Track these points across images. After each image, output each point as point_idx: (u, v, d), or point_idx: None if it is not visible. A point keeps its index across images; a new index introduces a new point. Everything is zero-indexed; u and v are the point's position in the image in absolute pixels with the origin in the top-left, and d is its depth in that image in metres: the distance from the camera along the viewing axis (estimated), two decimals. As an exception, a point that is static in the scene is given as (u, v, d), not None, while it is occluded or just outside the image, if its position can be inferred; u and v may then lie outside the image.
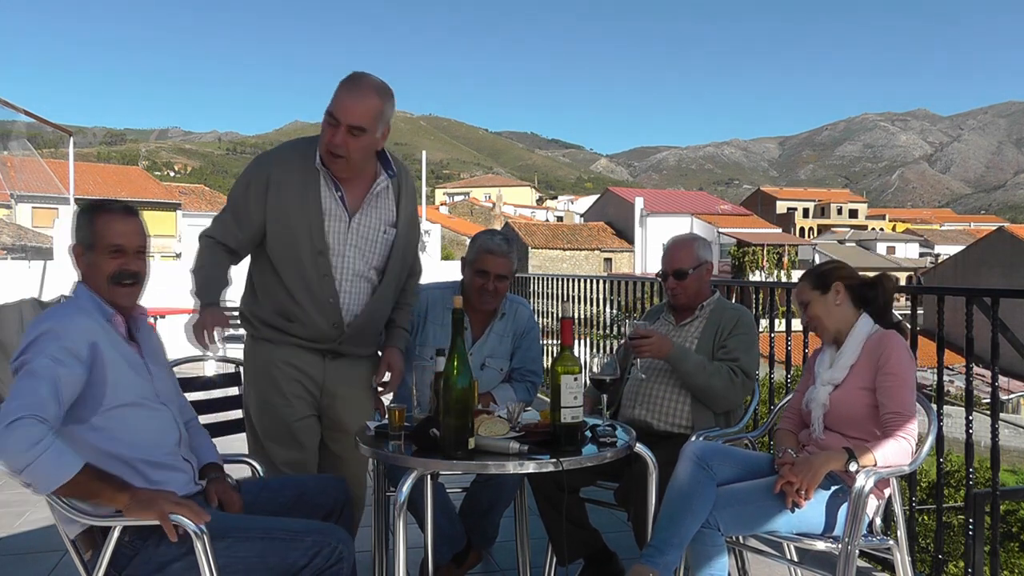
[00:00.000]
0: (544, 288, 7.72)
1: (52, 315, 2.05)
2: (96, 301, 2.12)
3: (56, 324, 1.99)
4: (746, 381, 2.98)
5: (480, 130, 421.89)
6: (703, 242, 3.22)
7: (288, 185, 2.57)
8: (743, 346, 3.02)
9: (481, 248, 3.02)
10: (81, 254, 2.14)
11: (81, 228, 2.14)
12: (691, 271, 3.11)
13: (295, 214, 2.57)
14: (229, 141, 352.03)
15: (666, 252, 3.21)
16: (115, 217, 2.15)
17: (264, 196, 2.58)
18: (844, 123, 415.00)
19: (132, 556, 1.98)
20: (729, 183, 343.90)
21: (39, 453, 1.80)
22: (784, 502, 2.39)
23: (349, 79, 2.50)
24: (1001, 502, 3.42)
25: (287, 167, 2.59)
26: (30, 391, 1.88)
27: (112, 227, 2.13)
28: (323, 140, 2.52)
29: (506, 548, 3.39)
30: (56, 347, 1.95)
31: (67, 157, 12.83)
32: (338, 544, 2.04)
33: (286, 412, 2.66)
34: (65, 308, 2.09)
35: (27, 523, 3.94)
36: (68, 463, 1.84)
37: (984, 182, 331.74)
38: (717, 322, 3.09)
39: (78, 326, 2.02)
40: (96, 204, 2.18)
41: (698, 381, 2.92)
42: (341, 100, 2.46)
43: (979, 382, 8.03)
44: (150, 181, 47.01)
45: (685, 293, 3.11)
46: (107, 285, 2.12)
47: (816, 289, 2.66)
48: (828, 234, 71.05)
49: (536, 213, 78.79)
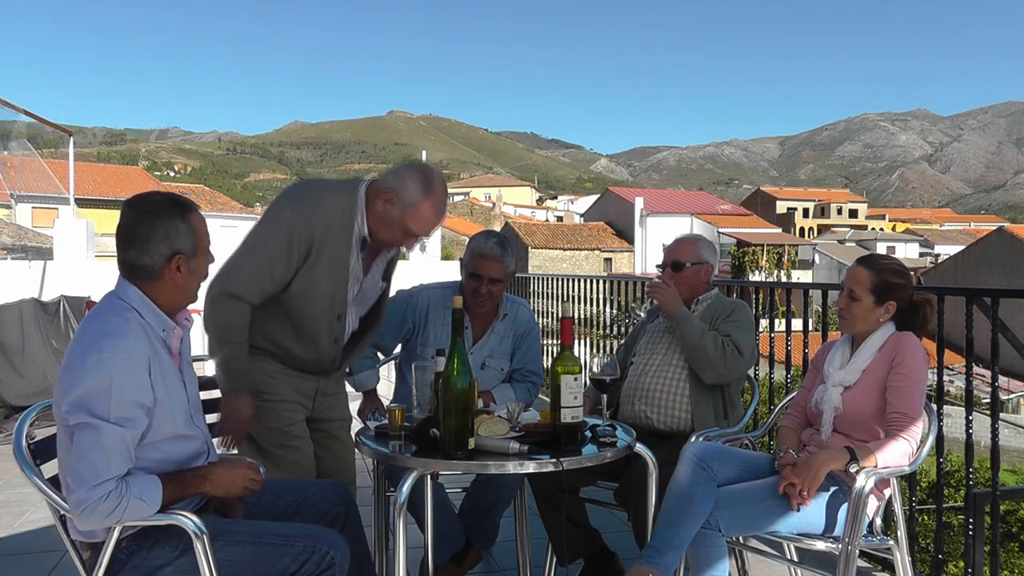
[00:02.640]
0: (544, 288, 7.72)
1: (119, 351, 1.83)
2: (156, 313, 1.96)
3: (123, 371, 1.82)
4: (736, 355, 2.94)
5: (480, 130, 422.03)
6: (708, 244, 3.25)
7: (328, 254, 2.45)
8: (736, 326, 3.02)
9: (474, 251, 3.02)
10: (184, 263, 1.95)
11: (182, 234, 1.94)
12: (688, 265, 3.13)
13: (326, 282, 2.48)
14: (229, 141, 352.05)
15: (670, 245, 3.26)
16: (199, 214, 2.01)
17: (304, 259, 2.43)
18: (844, 123, 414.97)
19: (126, 560, 1.96)
20: (729, 183, 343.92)
21: (121, 514, 1.83)
22: (785, 502, 2.39)
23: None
24: (1001, 502, 3.41)
25: (331, 233, 2.44)
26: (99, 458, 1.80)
27: (204, 223, 2.01)
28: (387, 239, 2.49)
29: (506, 548, 3.39)
30: (121, 404, 1.82)
31: (67, 157, 12.83)
32: (329, 549, 2.00)
33: (286, 415, 2.64)
34: (127, 337, 1.86)
35: (27, 523, 3.94)
36: (150, 498, 1.86)
37: (984, 182, 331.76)
38: (714, 313, 3.10)
39: (141, 366, 1.86)
40: (181, 204, 1.98)
41: (692, 338, 2.94)
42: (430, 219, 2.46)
43: (979, 382, 8.03)
44: (150, 181, 46.97)
45: (678, 286, 3.11)
46: (195, 291, 2.01)
47: (873, 294, 2.57)
48: (828, 234, 71.03)
49: (536, 213, 78.80)
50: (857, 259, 2.68)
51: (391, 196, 2.43)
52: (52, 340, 6.71)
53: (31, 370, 6.49)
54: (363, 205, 2.47)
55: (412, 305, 3.15)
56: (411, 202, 2.41)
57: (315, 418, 2.73)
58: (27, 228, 26.90)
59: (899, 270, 2.62)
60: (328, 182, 2.57)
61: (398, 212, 2.42)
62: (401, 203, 2.41)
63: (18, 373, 6.44)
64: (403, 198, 2.41)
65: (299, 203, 2.46)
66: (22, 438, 2.00)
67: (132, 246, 1.94)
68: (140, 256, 1.94)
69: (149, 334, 1.94)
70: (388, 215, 2.43)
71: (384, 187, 2.45)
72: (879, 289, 2.56)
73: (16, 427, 2.01)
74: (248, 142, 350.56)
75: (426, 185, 2.42)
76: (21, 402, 6.21)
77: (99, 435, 1.80)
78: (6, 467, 4.82)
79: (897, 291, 2.58)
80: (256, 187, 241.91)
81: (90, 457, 1.81)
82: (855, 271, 2.62)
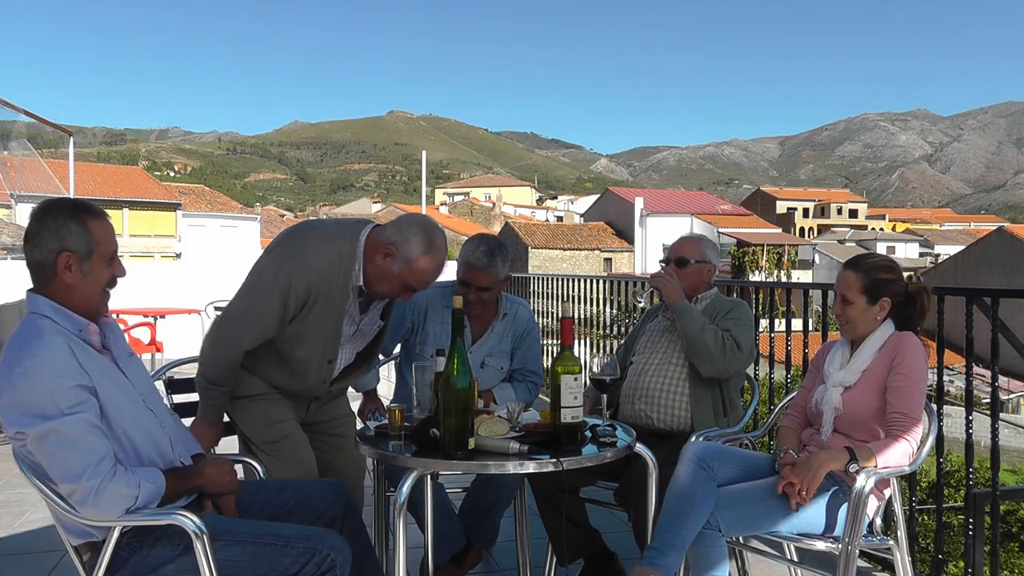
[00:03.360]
0: (544, 288, 7.72)
1: (37, 352, 1.85)
2: (66, 314, 1.96)
3: (50, 365, 1.84)
4: (735, 350, 2.95)
5: (480, 130, 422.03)
6: (712, 245, 3.28)
7: (322, 302, 2.46)
8: (736, 323, 3.03)
9: (461, 260, 3.03)
10: (75, 263, 1.95)
11: (73, 235, 1.95)
12: (693, 262, 3.15)
13: (319, 329, 2.50)
14: (229, 141, 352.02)
15: (675, 242, 3.29)
16: (106, 221, 2.01)
17: (299, 310, 2.45)
18: (844, 123, 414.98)
19: (127, 558, 1.96)
20: (729, 183, 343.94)
21: (136, 490, 1.88)
22: (785, 502, 2.39)
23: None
24: (1001, 502, 3.41)
25: (326, 282, 2.44)
26: (76, 449, 1.83)
27: (108, 232, 2.01)
28: (385, 291, 2.49)
29: (506, 548, 3.39)
30: (64, 394, 1.83)
31: (67, 157, 12.83)
32: (330, 551, 1.99)
33: (275, 411, 2.63)
34: (40, 338, 1.88)
35: (27, 523, 3.94)
36: (155, 480, 1.92)
37: (984, 182, 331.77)
38: (713, 311, 3.11)
39: (64, 352, 1.88)
40: (81, 207, 2.00)
41: (692, 331, 2.96)
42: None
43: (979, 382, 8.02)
44: (150, 181, 46.97)
45: (681, 283, 3.11)
46: (100, 294, 2.02)
47: (864, 295, 2.57)
48: (828, 234, 71.04)
49: (536, 213, 78.81)
50: (843, 263, 2.69)
51: (391, 250, 2.40)
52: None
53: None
54: (362, 254, 2.45)
55: (411, 305, 3.15)
56: (411, 259, 2.39)
57: (312, 421, 2.74)
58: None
59: (886, 265, 2.63)
60: (330, 227, 2.52)
61: (398, 268, 2.40)
62: (402, 259, 2.39)
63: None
64: (403, 254, 2.39)
65: (299, 254, 2.45)
66: (22, 438, 2.00)
67: (28, 241, 1.98)
68: (32, 251, 1.97)
69: (67, 335, 1.94)
70: (387, 269, 2.41)
71: (385, 240, 2.42)
72: (870, 288, 2.57)
73: (16, 427, 2.01)
74: (248, 142, 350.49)
75: (428, 243, 2.40)
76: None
77: (64, 431, 1.82)
78: (6, 467, 4.82)
79: (888, 286, 2.58)
80: (256, 187, 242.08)
81: (68, 454, 1.83)
82: (843, 276, 2.63)
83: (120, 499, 1.85)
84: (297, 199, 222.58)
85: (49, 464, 1.85)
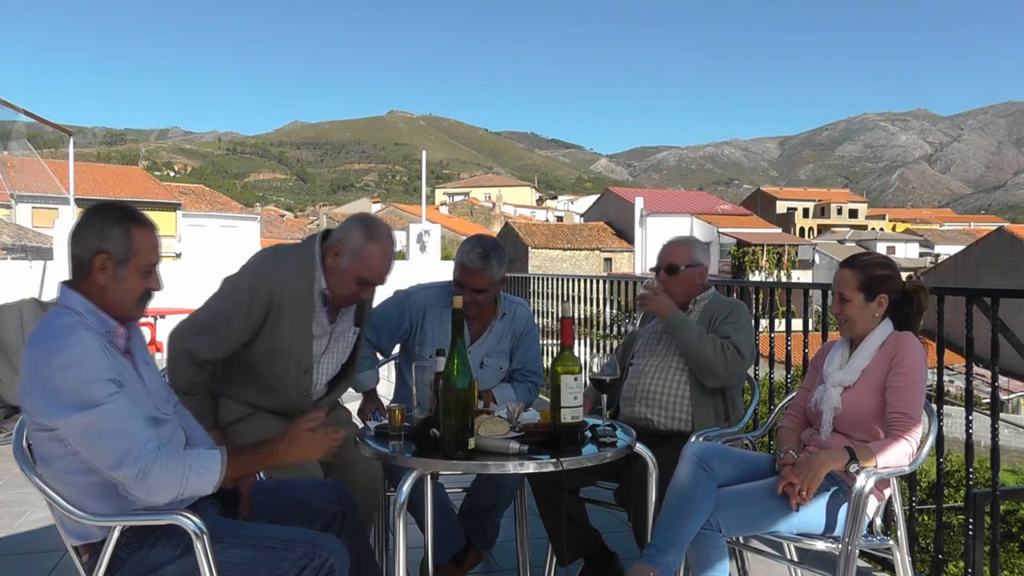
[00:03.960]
0: (544, 288, 7.72)
1: (73, 345, 1.85)
2: (97, 314, 1.96)
3: (86, 358, 1.85)
4: (736, 357, 2.94)
5: (480, 130, 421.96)
6: (701, 245, 3.24)
7: (289, 313, 2.54)
8: (735, 328, 3.01)
9: (457, 262, 3.04)
10: (110, 266, 1.96)
11: (115, 239, 1.95)
12: (683, 268, 3.12)
13: (289, 341, 2.57)
14: (229, 141, 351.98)
15: (663, 248, 3.24)
16: (151, 233, 2.02)
17: (264, 319, 2.52)
18: (844, 123, 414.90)
19: (127, 558, 1.97)
20: (729, 183, 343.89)
21: (183, 473, 1.87)
22: (785, 503, 2.39)
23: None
24: (1001, 502, 3.41)
25: (288, 291, 2.52)
26: (122, 432, 1.83)
27: (151, 243, 2.01)
28: (345, 293, 2.56)
29: (506, 548, 3.39)
30: (101, 385, 1.84)
31: (67, 157, 12.82)
32: (329, 556, 1.99)
33: (265, 423, 2.64)
34: (75, 333, 1.88)
35: (27, 523, 3.94)
36: (211, 468, 1.91)
37: (984, 182, 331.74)
38: (712, 313, 3.09)
39: (97, 348, 1.89)
40: (129, 214, 2.00)
41: (690, 345, 2.93)
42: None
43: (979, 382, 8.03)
44: (150, 181, 46.97)
45: (672, 291, 3.10)
46: (133, 304, 2.01)
47: (862, 292, 2.58)
48: (828, 234, 71.04)
49: (536, 213, 78.83)
50: (840, 263, 2.69)
51: (339, 248, 2.52)
52: (52, 340, 6.70)
53: (31, 370, 6.49)
54: (319, 261, 2.56)
55: (409, 305, 3.15)
56: (357, 249, 2.50)
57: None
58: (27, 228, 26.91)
59: (882, 262, 2.65)
60: (288, 245, 2.69)
61: (347, 262, 2.51)
62: (348, 252, 2.50)
63: (18, 373, 6.43)
64: (349, 247, 2.51)
65: (259, 267, 2.58)
66: (22, 438, 2.00)
67: (73, 236, 1.99)
68: (74, 246, 1.98)
69: (98, 333, 1.95)
70: (339, 266, 2.52)
71: (333, 241, 2.55)
72: (866, 285, 2.58)
73: (16, 427, 2.01)
74: (248, 142, 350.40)
75: (369, 231, 2.52)
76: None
77: (105, 419, 1.83)
78: (6, 467, 4.82)
79: (885, 283, 2.58)
80: (256, 187, 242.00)
81: (111, 441, 1.83)
82: (840, 274, 2.64)
83: (169, 480, 1.86)
84: (297, 199, 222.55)
85: (93, 453, 1.85)
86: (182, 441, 2.10)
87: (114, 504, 1.93)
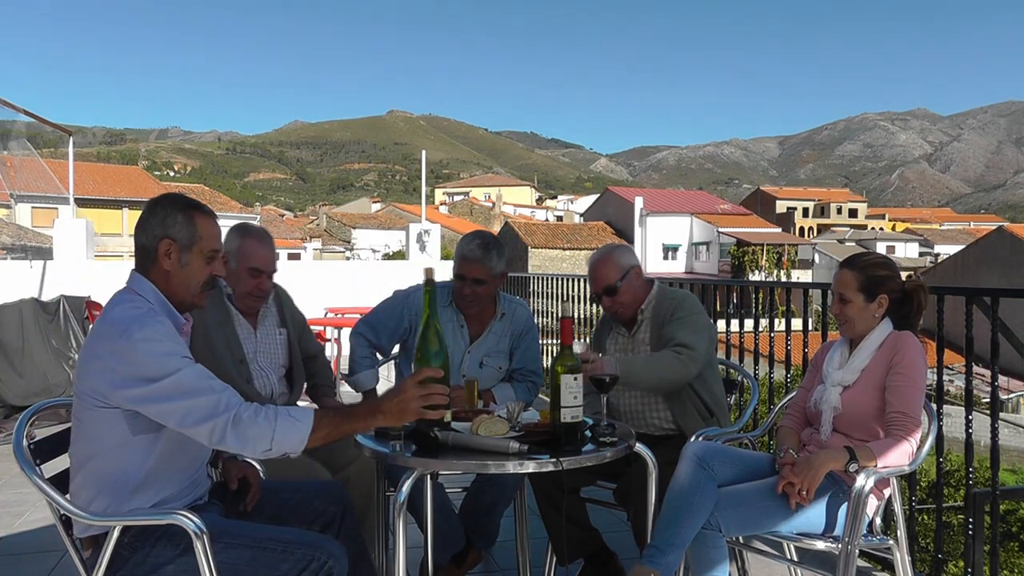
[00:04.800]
0: (544, 288, 7.73)
1: (152, 324, 1.91)
2: (168, 308, 2.02)
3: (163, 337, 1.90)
4: (692, 355, 2.84)
5: (480, 130, 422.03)
6: (622, 249, 3.13)
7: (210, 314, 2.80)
8: (681, 325, 2.92)
9: (457, 253, 3.05)
10: (175, 251, 2.01)
11: (179, 225, 2.01)
12: (619, 283, 3.00)
13: (216, 336, 2.84)
14: (229, 141, 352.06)
15: (590, 273, 3.10)
16: (213, 221, 2.08)
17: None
18: (844, 123, 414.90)
19: (128, 557, 1.97)
20: (729, 183, 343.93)
21: (273, 420, 1.88)
22: (785, 502, 2.39)
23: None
24: (1001, 502, 3.42)
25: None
26: (212, 389, 1.88)
27: (214, 230, 2.06)
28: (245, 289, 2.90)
29: (506, 548, 3.39)
30: (176, 359, 1.89)
31: (67, 157, 12.80)
32: (328, 559, 2.00)
33: None
34: (154, 315, 1.95)
35: (27, 523, 3.94)
36: (302, 419, 1.91)
37: (984, 182, 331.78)
38: (659, 317, 3.01)
39: (173, 333, 1.95)
40: (191, 203, 2.07)
41: (649, 381, 2.84)
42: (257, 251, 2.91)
43: (979, 382, 8.03)
44: (150, 181, 46.98)
45: (623, 306, 3.03)
46: (198, 289, 2.05)
47: (862, 292, 2.57)
48: (828, 234, 71.06)
49: (536, 213, 78.85)
50: (840, 263, 2.68)
51: (225, 256, 2.57)
52: (52, 340, 6.71)
53: (31, 370, 6.49)
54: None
55: (409, 305, 3.15)
56: (235, 249, 2.86)
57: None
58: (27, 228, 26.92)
59: (882, 263, 2.64)
60: None
61: (234, 262, 2.85)
62: (232, 255, 2.84)
63: (18, 373, 6.44)
64: (231, 251, 2.84)
65: None
66: (22, 438, 2.00)
67: (137, 227, 2.04)
68: (139, 235, 2.03)
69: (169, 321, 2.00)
70: (230, 270, 2.83)
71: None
72: (867, 286, 2.57)
73: (16, 427, 2.01)
74: (248, 142, 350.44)
75: (240, 231, 2.92)
76: (21, 402, 6.21)
77: (188, 377, 1.87)
78: (6, 467, 4.83)
79: (885, 283, 2.58)
80: (256, 187, 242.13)
81: (197, 399, 1.86)
82: (840, 275, 2.63)
83: (261, 428, 1.87)
84: (297, 199, 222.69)
85: (181, 415, 1.87)
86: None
87: (116, 503, 1.94)
